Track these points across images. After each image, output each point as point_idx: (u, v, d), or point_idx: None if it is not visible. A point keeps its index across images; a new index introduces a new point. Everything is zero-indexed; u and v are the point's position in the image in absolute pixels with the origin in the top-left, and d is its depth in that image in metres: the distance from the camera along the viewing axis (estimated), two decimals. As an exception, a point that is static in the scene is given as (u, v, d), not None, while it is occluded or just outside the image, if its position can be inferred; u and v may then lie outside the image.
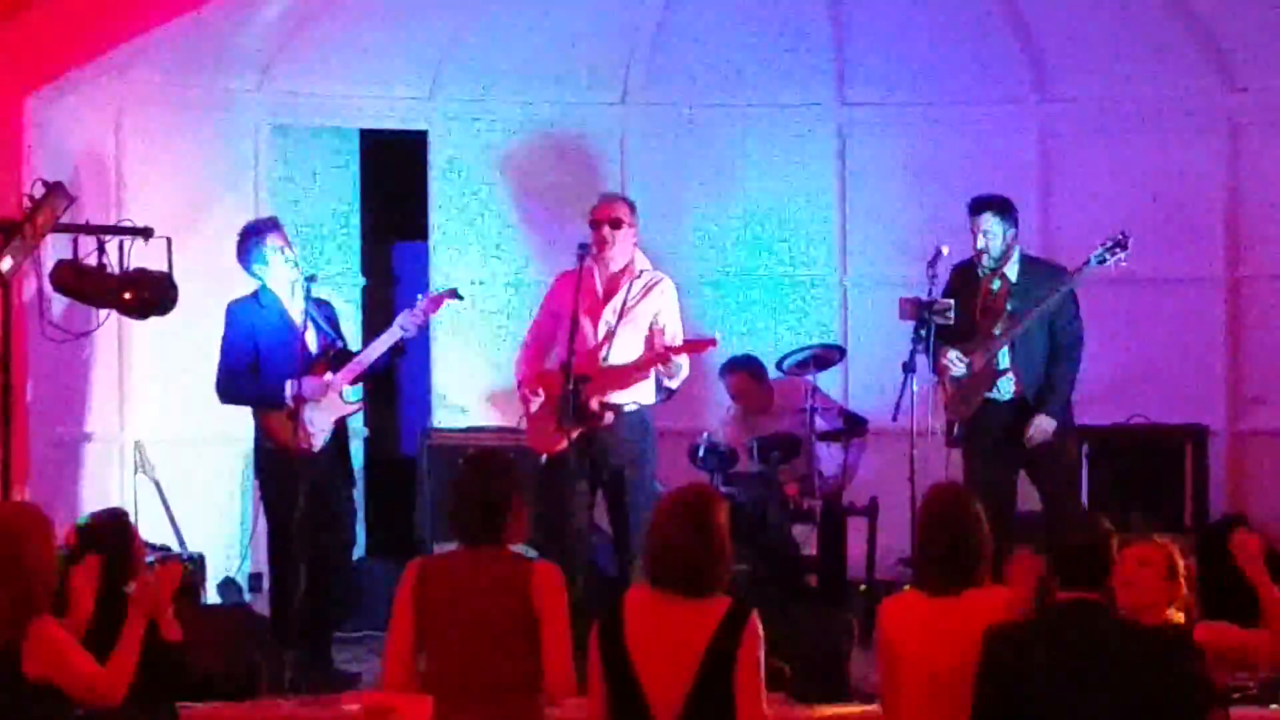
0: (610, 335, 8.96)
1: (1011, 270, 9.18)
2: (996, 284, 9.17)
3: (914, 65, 11.51)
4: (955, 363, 9.15)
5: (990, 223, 9.13)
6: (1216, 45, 11.00)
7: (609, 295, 9.00)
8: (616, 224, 9.00)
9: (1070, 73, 11.39)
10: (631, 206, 9.14)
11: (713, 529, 5.65)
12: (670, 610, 5.61)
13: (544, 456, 8.92)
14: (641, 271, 9.09)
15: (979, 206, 9.21)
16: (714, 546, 5.64)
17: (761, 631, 5.60)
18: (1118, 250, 8.98)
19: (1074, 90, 11.39)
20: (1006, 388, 9.13)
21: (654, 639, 5.59)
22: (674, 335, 9.04)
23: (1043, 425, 9.04)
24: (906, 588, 6.30)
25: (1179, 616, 6.17)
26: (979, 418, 9.19)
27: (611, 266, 9.05)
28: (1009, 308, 9.07)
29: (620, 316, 8.97)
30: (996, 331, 9.09)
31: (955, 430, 9.28)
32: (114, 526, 6.66)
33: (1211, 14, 10.90)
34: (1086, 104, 11.38)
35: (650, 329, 8.99)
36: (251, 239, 9.04)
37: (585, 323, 8.95)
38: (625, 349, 8.98)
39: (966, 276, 9.31)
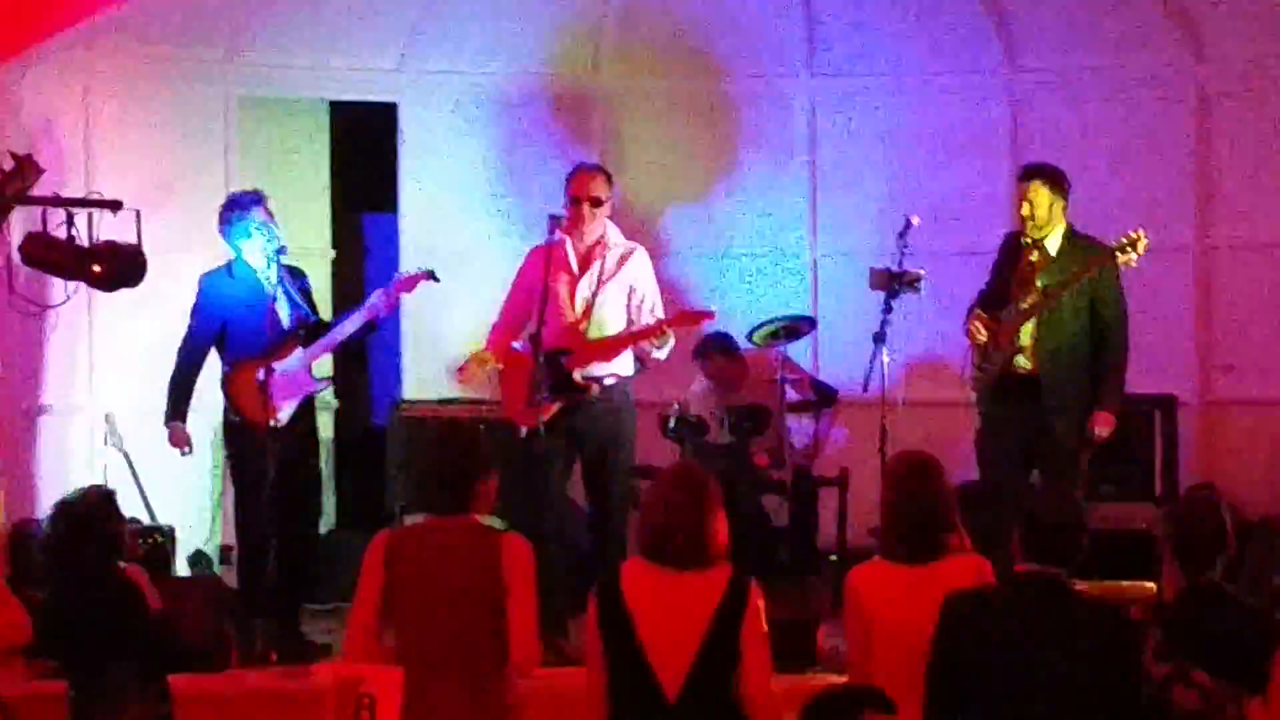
0: (589, 307, 8.94)
1: (1052, 243, 8.94)
2: (1035, 255, 8.96)
3: (883, 37, 11.50)
4: (979, 331, 8.99)
5: (1036, 191, 8.89)
6: (1185, 15, 11.00)
7: (584, 267, 8.96)
8: (597, 203, 8.96)
9: (1040, 43, 11.38)
10: (609, 179, 9.11)
11: (713, 504, 5.73)
12: (673, 580, 5.67)
13: (523, 429, 8.84)
14: (614, 244, 9.07)
15: (1028, 174, 9.01)
16: (715, 521, 5.71)
17: (762, 599, 5.68)
18: (1129, 250, 8.79)
19: (1043, 61, 11.39)
20: (1023, 363, 8.94)
21: (657, 608, 5.65)
22: (654, 305, 9.03)
23: (1101, 423, 8.87)
24: (875, 557, 6.29)
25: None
26: (998, 389, 9.02)
27: (587, 239, 9.01)
28: (1040, 282, 8.88)
29: (597, 288, 8.94)
30: (1024, 305, 8.89)
31: (978, 399, 9.15)
32: (102, 506, 6.66)
33: (1180, -16, 10.93)
34: (1056, 74, 11.38)
35: (629, 301, 8.97)
36: (236, 211, 9.01)
37: (563, 295, 8.91)
38: (605, 321, 8.95)
39: (1011, 244, 9.11)
